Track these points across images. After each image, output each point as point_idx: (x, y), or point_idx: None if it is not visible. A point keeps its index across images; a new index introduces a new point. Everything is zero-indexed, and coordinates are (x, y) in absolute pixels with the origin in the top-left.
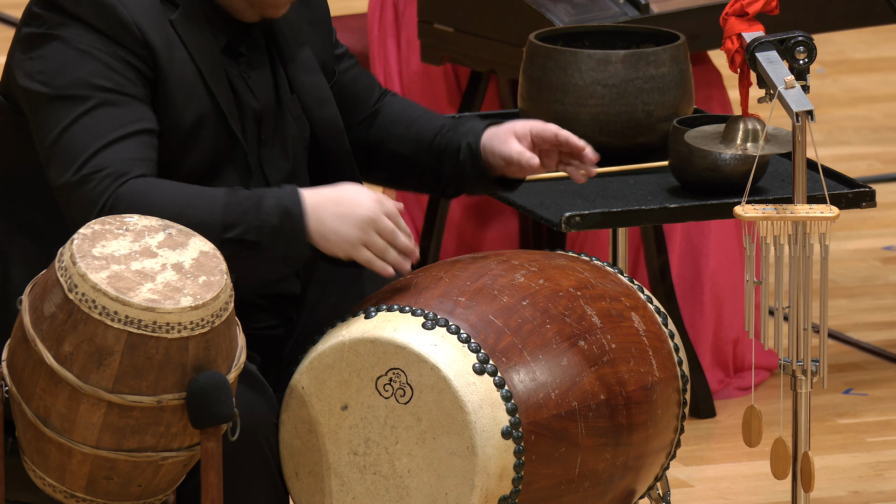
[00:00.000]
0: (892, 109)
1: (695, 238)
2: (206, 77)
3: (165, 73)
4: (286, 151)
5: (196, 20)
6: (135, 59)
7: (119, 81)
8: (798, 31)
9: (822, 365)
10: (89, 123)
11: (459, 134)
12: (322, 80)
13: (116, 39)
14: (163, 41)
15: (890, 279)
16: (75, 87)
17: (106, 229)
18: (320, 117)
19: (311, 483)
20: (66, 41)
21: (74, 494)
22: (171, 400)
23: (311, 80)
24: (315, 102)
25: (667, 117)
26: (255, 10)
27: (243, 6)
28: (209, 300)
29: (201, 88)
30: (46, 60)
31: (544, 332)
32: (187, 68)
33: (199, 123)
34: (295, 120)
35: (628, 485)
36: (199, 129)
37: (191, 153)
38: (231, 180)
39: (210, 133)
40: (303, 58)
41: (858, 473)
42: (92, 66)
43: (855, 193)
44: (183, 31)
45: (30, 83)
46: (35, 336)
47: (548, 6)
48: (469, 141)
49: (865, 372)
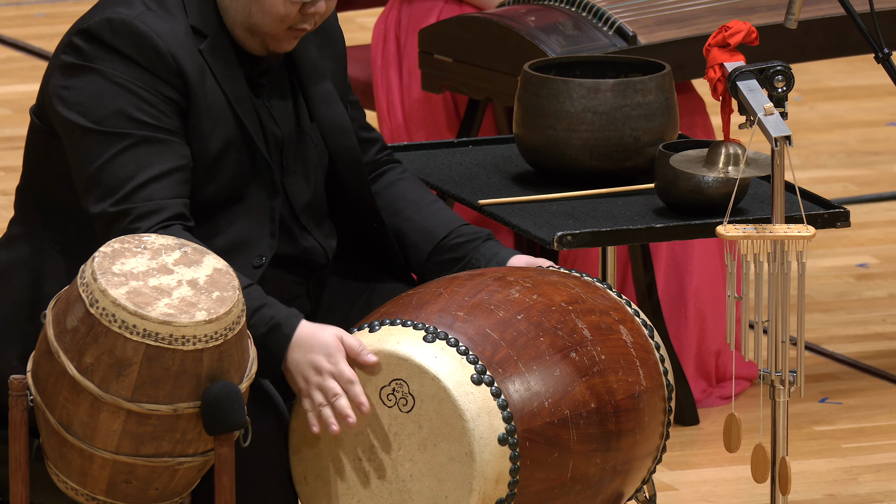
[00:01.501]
0: (865, 135)
1: (679, 256)
2: (234, 104)
3: (197, 101)
4: (307, 177)
5: (223, 51)
6: (169, 90)
7: (154, 115)
8: (777, 60)
9: (800, 375)
10: (128, 160)
11: (481, 255)
12: (342, 111)
13: (153, 71)
14: (195, 70)
15: (863, 295)
16: (113, 122)
17: (125, 247)
18: (340, 147)
19: (319, 487)
20: (105, 74)
21: (95, 497)
22: (186, 408)
23: (332, 110)
24: (335, 133)
25: (653, 142)
26: (256, 39)
27: (244, 35)
28: (222, 314)
29: (229, 115)
30: (84, 92)
31: (538, 345)
32: (216, 96)
33: (226, 148)
34: (315, 147)
35: (617, 488)
36: (226, 153)
37: (217, 176)
38: (258, 200)
39: (235, 158)
40: (323, 90)
41: (833, 478)
42: (129, 99)
43: (830, 214)
44: (212, 60)
45: (68, 113)
46: (58, 348)
47: (541, 38)
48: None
49: (840, 382)
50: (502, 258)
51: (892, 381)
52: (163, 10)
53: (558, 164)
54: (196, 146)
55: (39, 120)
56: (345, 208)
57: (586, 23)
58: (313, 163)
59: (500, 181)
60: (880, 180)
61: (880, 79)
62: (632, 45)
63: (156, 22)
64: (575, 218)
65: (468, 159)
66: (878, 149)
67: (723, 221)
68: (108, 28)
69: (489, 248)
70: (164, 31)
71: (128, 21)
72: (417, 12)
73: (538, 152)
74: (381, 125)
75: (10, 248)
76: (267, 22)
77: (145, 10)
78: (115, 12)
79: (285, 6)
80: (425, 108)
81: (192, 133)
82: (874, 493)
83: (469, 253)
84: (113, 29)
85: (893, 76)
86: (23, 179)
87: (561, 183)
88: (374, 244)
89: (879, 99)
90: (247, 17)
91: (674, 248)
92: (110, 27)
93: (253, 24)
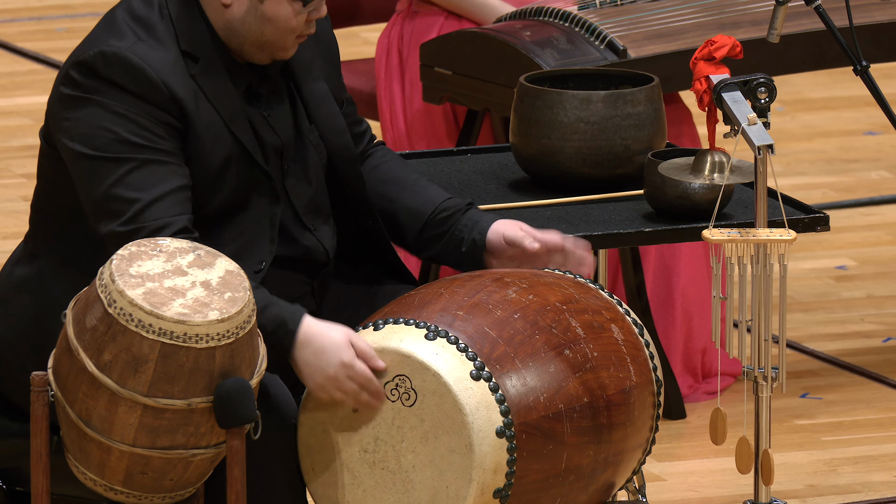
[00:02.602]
0: (844, 143)
1: (667, 258)
2: (228, 122)
3: (193, 123)
4: (308, 177)
5: (215, 71)
6: (165, 115)
7: (152, 139)
8: (760, 73)
9: (781, 372)
10: (132, 182)
11: (462, 226)
12: (337, 111)
13: (147, 99)
14: (188, 94)
15: (842, 295)
16: (114, 148)
17: (141, 251)
18: (336, 146)
19: (326, 477)
20: (103, 105)
21: (113, 488)
22: (199, 403)
23: (327, 111)
24: (331, 133)
25: (642, 151)
26: (265, 53)
27: (254, 51)
28: (234, 314)
29: (226, 133)
30: (85, 123)
31: (534, 343)
32: (211, 116)
33: (226, 164)
34: (314, 148)
35: (609, 478)
36: (227, 169)
37: (220, 190)
38: (260, 208)
39: (236, 172)
40: (318, 91)
41: (814, 469)
42: (127, 126)
43: (811, 219)
44: (203, 83)
45: (71, 143)
46: (78, 346)
47: (536, 52)
48: (475, 237)
49: (820, 378)
50: (483, 227)
51: (870, 377)
52: (153, 39)
53: (552, 172)
54: (197, 164)
55: (47, 144)
56: (343, 206)
57: (579, 37)
58: (313, 163)
59: (497, 188)
60: (858, 187)
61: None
62: (622, 59)
63: (146, 52)
64: (568, 222)
65: (467, 167)
66: (857, 157)
67: (708, 226)
68: (101, 61)
69: (469, 217)
70: (154, 61)
71: (119, 54)
72: (419, 27)
73: (533, 160)
74: (385, 134)
75: (26, 263)
76: (280, 37)
77: (136, 41)
78: (108, 45)
79: (296, 18)
80: (426, 118)
81: (192, 152)
82: (853, 483)
83: (453, 225)
84: (106, 61)
85: (871, 88)
86: (36, 198)
87: (555, 189)
88: (372, 241)
89: (857, 109)
90: (259, 35)
91: (662, 251)
92: (104, 60)
93: (265, 42)
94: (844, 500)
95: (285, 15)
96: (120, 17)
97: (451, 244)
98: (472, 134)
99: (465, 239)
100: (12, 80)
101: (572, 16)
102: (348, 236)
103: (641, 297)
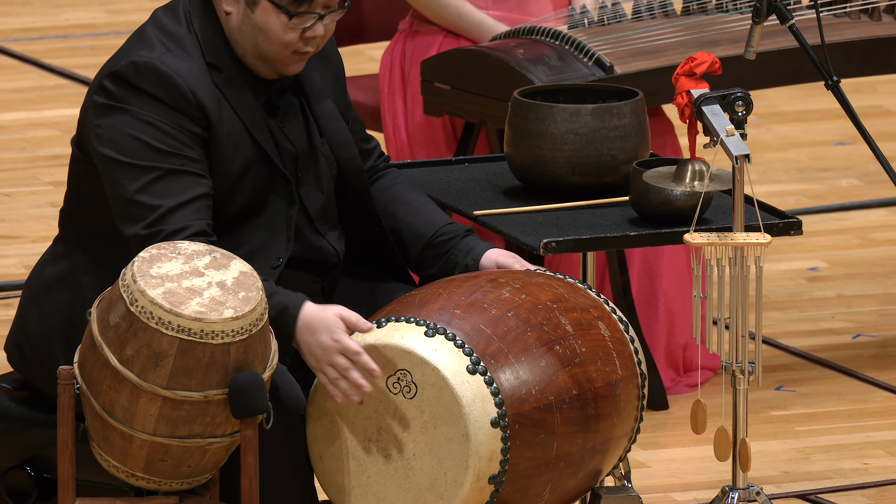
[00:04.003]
0: (816, 153)
1: (651, 260)
2: (250, 129)
3: (216, 129)
4: (321, 186)
5: (237, 82)
6: (191, 124)
7: (178, 147)
8: (737, 88)
9: (758, 366)
10: (156, 189)
11: (458, 251)
12: (344, 126)
13: (175, 107)
14: (213, 102)
15: (814, 295)
16: (142, 155)
17: (161, 253)
18: (345, 158)
19: (333, 465)
20: (133, 113)
21: (135, 474)
22: (215, 395)
23: (336, 126)
24: (340, 146)
25: (628, 160)
26: (267, 66)
27: (257, 63)
28: (247, 312)
29: (247, 139)
30: (116, 129)
31: (526, 339)
32: (234, 123)
33: (246, 168)
34: (325, 159)
35: (596, 465)
36: (246, 173)
37: (240, 193)
38: (277, 209)
39: (255, 176)
40: (328, 108)
41: (788, 457)
42: (155, 134)
43: (785, 223)
44: (227, 92)
45: (102, 149)
46: (102, 342)
47: (529, 68)
48: (468, 263)
49: (794, 372)
50: (477, 253)
51: (840, 371)
52: (181, 50)
53: (544, 180)
54: (219, 169)
55: (79, 150)
56: (350, 214)
57: (569, 55)
58: (324, 173)
59: (492, 195)
60: (829, 193)
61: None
62: (609, 75)
63: (175, 62)
64: (559, 227)
65: (465, 175)
66: (828, 166)
67: (689, 230)
68: (133, 70)
69: (466, 243)
70: (182, 70)
71: (150, 63)
72: (420, 45)
73: (526, 169)
74: (388, 145)
75: (55, 263)
76: (273, 49)
77: (165, 52)
78: (138, 55)
79: (286, 33)
80: (427, 130)
81: (215, 157)
82: (824, 470)
83: (450, 249)
84: (137, 71)
85: (841, 101)
86: (66, 203)
87: (546, 196)
88: (376, 246)
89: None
90: (255, 46)
91: (646, 254)
92: (135, 69)
93: (262, 52)
94: (816, 485)
95: (274, 26)
96: (150, 31)
97: (447, 266)
98: (469, 144)
99: (459, 263)
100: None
101: (562, 34)
102: (355, 241)
103: (627, 297)
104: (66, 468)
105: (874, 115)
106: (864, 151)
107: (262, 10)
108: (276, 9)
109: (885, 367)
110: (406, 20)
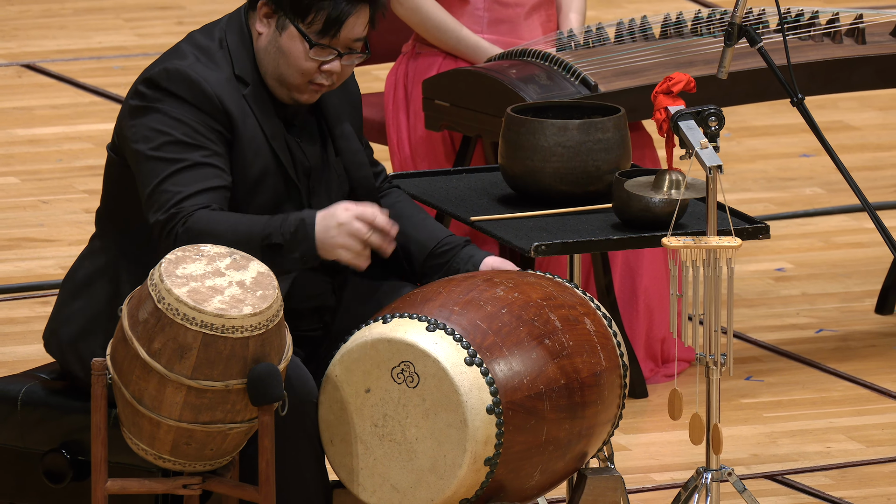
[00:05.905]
0: (782, 164)
1: (632, 261)
2: (270, 139)
3: (240, 134)
4: (331, 199)
5: (261, 97)
6: (216, 124)
7: (203, 141)
8: (711, 105)
9: (729, 358)
10: (179, 179)
11: (459, 259)
12: (359, 147)
13: (202, 108)
14: (237, 109)
15: (781, 293)
16: (168, 149)
17: (186, 255)
18: (358, 177)
19: (343, 448)
20: (163, 111)
21: (162, 456)
22: (235, 384)
23: (351, 147)
24: (354, 166)
25: (611, 171)
26: (284, 90)
27: (276, 85)
28: (265, 309)
29: (266, 148)
30: (147, 126)
31: (518, 333)
32: (256, 132)
33: (263, 175)
34: (338, 177)
35: (582, 448)
36: (263, 180)
37: (256, 198)
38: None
39: (272, 183)
40: (344, 131)
41: (757, 441)
42: (182, 129)
43: (754, 228)
44: (253, 103)
45: (133, 144)
46: (132, 336)
47: (521, 87)
48: (468, 269)
49: (762, 363)
50: (476, 261)
51: (804, 363)
52: (210, 61)
53: (535, 189)
54: (238, 173)
55: (115, 154)
56: None
57: (557, 75)
58: (335, 189)
59: (488, 202)
60: (794, 201)
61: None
62: (594, 93)
63: (204, 70)
64: (548, 231)
65: (462, 184)
66: (793, 175)
67: (667, 234)
68: (164, 75)
69: (465, 252)
70: (210, 78)
71: (181, 69)
72: (421, 66)
73: (519, 179)
74: (392, 157)
75: (92, 259)
76: (291, 73)
77: (196, 61)
78: (171, 63)
79: (306, 61)
80: (427, 143)
81: (235, 161)
82: (790, 453)
83: (451, 258)
84: (169, 76)
85: (806, 117)
86: (102, 203)
87: (537, 203)
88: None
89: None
90: (276, 68)
91: (627, 256)
92: (167, 75)
93: (281, 75)
94: (783, 467)
95: (296, 52)
96: (184, 46)
97: (449, 273)
98: (466, 156)
99: (460, 270)
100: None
101: (551, 56)
102: None
103: (610, 295)
104: (99, 451)
105: (836, 129)
106: (826, 163)
107: (289, 35)
108: (301, 37)
109: (845, 359)
110: (409, 43)
